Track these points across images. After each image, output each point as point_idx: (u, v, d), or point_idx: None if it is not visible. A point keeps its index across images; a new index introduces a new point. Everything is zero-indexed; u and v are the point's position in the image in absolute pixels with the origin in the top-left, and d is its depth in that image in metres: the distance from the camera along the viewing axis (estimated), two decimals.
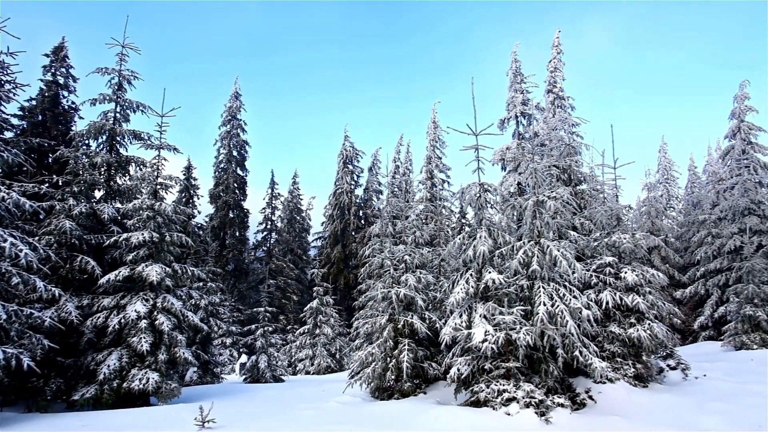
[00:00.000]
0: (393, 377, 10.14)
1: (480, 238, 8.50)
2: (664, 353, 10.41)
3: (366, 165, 37.86)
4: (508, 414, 7.48)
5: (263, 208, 37.55)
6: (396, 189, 28.12)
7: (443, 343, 8.62)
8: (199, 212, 30.95)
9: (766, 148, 20.39)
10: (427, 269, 11.68)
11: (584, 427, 7.23)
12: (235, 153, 35.54)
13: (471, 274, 8.54)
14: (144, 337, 10.79)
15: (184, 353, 11.39)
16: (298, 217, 40.01)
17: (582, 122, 16.26)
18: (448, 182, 27.98)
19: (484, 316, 8.05)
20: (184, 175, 29.01)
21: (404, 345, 9.97)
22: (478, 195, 9.02)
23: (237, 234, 34.77)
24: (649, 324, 9.38)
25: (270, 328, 19.03)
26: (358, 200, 36.75)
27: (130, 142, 13.98)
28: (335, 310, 25.04)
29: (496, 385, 7.88)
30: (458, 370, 8.32)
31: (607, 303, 9.36)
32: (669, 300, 18.97)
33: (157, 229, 11.86)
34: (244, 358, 20.69)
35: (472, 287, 8.41)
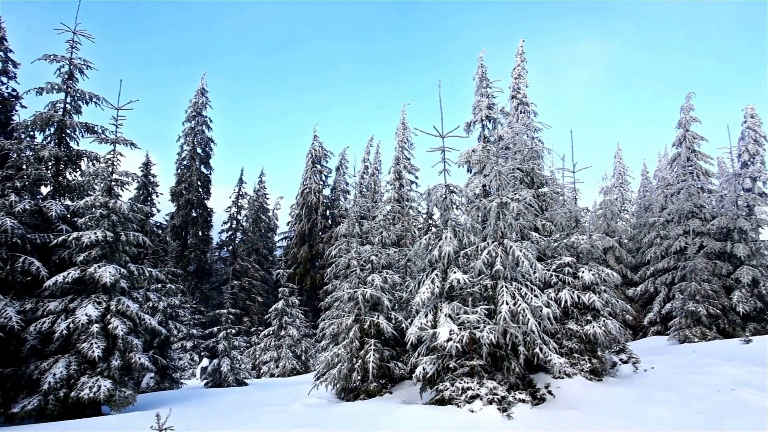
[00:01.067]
0: (359, 378, 10.12)
1: (445, 238, 8.63)
2: (617, 348, 10.96)
3: (334, 165, 37.68)
4: (472, 411, 7.63)
5: (229, 207, 36.49)
6: (364, 189, 28.11)
7: (409, 343, 8.70)
8: (158, 210, 29.69)
9: (707, 156, 21.92)
10: (394, 269, 11.74)
11: (543, 421, 7.49)
12: (199, 150, 34.36)
13: (437, 274, 8.66)
14: (95, 343, 10.18)
15: (140, 358, 10.86)
16: (264, 217, 39.17)
17: (544, 127, 16.90)
18: (416, 183, 28.32)
19: (449, 316, 8.18)
20: (143, 171, 27.72)
21: (370, 345, 9.97)
22: (444, 196, 9.16)
23: (200, 233, 33.60)
24: (603, 321, 9.84)
25: (233, 331, 18.49)
26: (325, 200, 36.45)
27: (82, 136, 13.17)
28: (301, 311, 24.69)
29: (460, 383, 8.03)
30: (424, 369, 8.41)
31: (566, 301, 9.73)
32: (622, 298, 20.03)
33: (111, 228, 11.25)
34: (205, 361, 19.96)
35: (438, 287, 8.53)
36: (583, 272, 10.02)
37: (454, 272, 8.36)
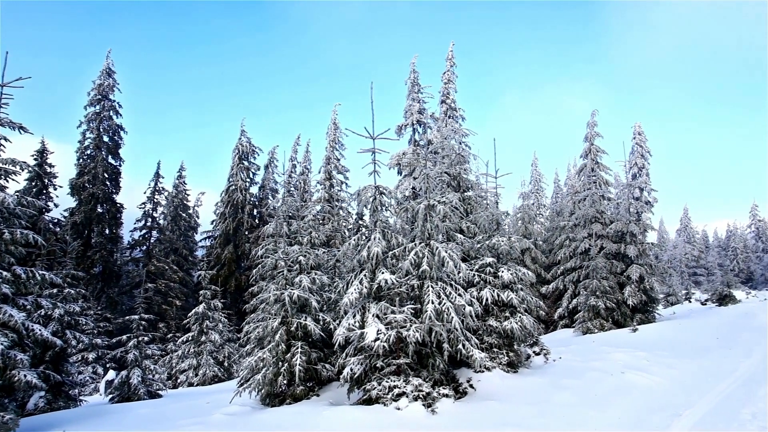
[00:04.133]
0: (285, 382, 9.80)
1: (374, 239, 8.69)
2: (532, 341, 11.85)
3: (263, 162, 36.29)
4: (398, 409, 7.76)
5: (143, 203, 33.38)
6: (293, 188, 27.41)
7: (337, 344, 8.61)
8: (56, 206, 26.19)
9: (607, 167, 24.65)
10: (323, 270, 11.56)
11: (465, 413, 7.85)
12: (106, 138, 30.88)
13: (365, 275, 8.68)
14: None
15: (25, 376, 9.43)
16: (184, 214, 36.47)
17: (471, 134, 17.76)
18: (347, 184, 28.26)
19: (377, 316, 8.24)
20: (37, 160, 24.36)
21: (297, 348, 9.71)
22: (373, 197, 9.21)
23: (107, 232, 30.26)
24: (520, 317, 10.57)
25: (146, 338, 16.89)
26: (253, 198, 34.94)
27: None
28: (224, 315, 23.34)
29: (387, 381, 8.12)
30: (351, 369, 8.38)
31: (487, 299, 10.30)
32: (536, 295, 21.73)
33: None
34: (111, 374, 17.90)
35: (366, 287, 8.56)
36: (502, 272, 10.68)
37: (383, 273, 8.44)
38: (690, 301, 28.49)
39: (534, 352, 11.61)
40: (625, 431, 6.70)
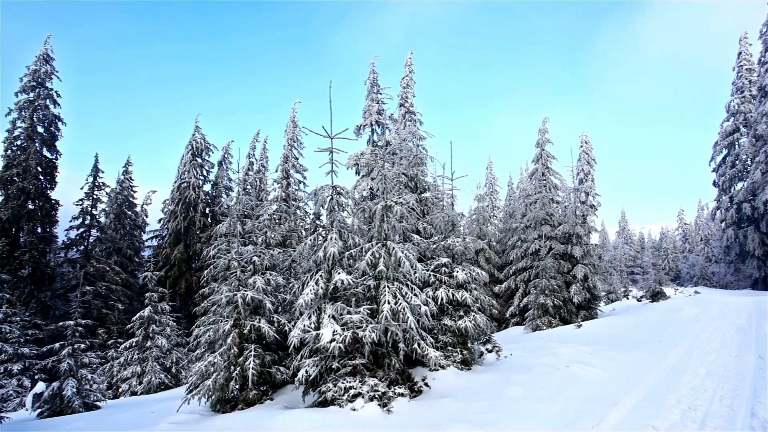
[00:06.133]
0: (237, 387, 9.47)
1: (331, 239, 8.61)
2: (485, 339, 12.22)
3: (217, 160, 34.89)
4: (354, 409, 7.72)
5: (80, 200, 30.98)
6: (248, 186, 26.59)
7: (292, 346, 8.44)
8: None
9: (557, 172, 25.97)
10: (278, 271, 11.30)
11: (420, 411, 7.95)
12: (40, 129, 28.35)
13: (321, 275, 8.57)
14: None
15: None
16: (129, 212, 34.28)
17: (429, 136, 18.07)
18: (304, 183, 27.84)
19: (333, 317, 8.17)
20: None
21: (250, 351, 9.41)
22: (330, 197, 9.13)
23: (38, 230, 27.81)
24: (474, 316, 10.87)
25: (83, 345, 15.68)
26: (206, 196, 33.48)
27: None
28: (173, 318, 22.18)
29: (343, 383, 8.06)
30: (306, 371, 8.25)
31: (442, 299, 10.51)
32: (490, 294, 22.50)
33: None
34: (40, 386, 16.30)
35: (322, 288, 8.46)
36: (457, 272, 10.94)
37: (339, 273, 8.38)
38: (628, 298, 30.63)
39: (487, 349, 11.98)
40: (568, 421, 7.07)
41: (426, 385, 9.27)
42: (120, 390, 19.89)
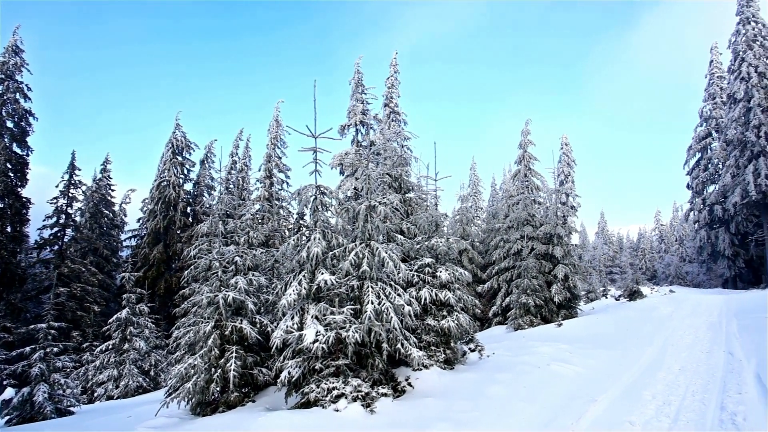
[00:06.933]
0: (218, 389, 9.32)
1: (314, 239, 8.55)
2: (468, 339, 12.33)
3: (198, 158, 34.31)
4: (337, 410, 7.69)
5: (54, 198, 30.01)
6: (231, 185, 26.24)
7: (274, 347, 8.35)
8: None
9: (539, 173, 26.40)
10: (261, 271, 11.17)
11: (403, 411, 7.97)
12: (10, 124, 27.28)
13: (304, 276, 8.52)
14: None
15: None
16: (107, 211, 33.37)
17: (413, 137, 18.14)
18: (288, 183, 27.63)
19: (316, 317, 8.12)
20: None
21: (232, 353, 9.28)
22: (314, 197, 9.08)
23: (8, 229, 26.80)
24: (457, 315, 10.96)
25: (56, 349, 15.16)
26: (187, 195, 32.85)
27: None
28: (152, 320, 21.69)
29: (326, 383, 8.02)
30: (289, 373, 8.17)
31: (426, 299, 10.56)
32: (473, 294, 22.69)
33: None
34: (9, 392, 15.62)
35: (305, 288, 8.40)
36: (440, 272, 11.01)
37: (322, 273, 8.34)
38: (606, 297, 31.36)
39: (470, 348, 12.09)
40: (549, 419, 7.20)
41: (409, 384, 9.30)
42: (95, 394, 19.34)
